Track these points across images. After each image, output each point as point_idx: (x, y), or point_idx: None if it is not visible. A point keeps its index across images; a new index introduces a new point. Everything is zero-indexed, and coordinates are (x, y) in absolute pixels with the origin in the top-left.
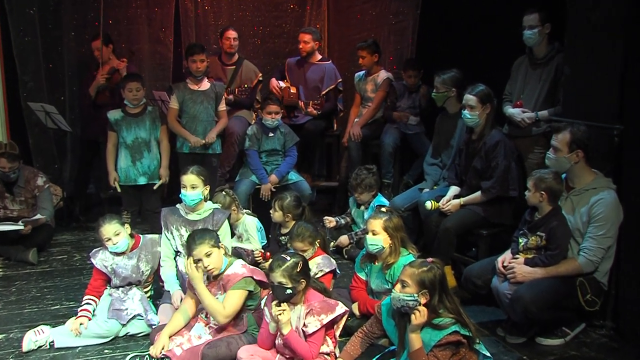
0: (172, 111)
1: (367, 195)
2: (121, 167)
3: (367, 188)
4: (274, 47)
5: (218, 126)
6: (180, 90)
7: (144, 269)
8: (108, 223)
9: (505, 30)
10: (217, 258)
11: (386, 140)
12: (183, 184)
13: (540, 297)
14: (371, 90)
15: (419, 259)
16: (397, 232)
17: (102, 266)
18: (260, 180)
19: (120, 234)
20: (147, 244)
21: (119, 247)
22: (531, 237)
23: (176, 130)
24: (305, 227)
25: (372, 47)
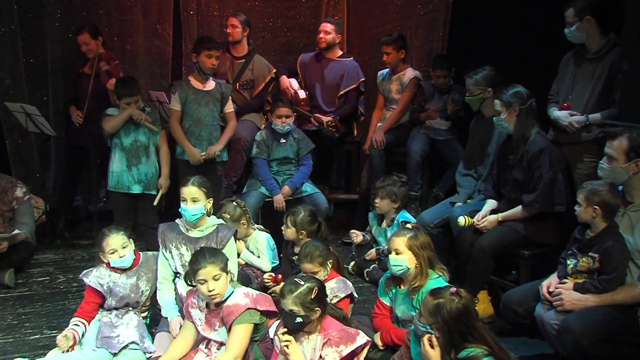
0: (174, 113)
1: (387, 204)
2: (114, 170)
3: (389, 196)
4: (286, 42)
5: (225, 135)
6: (183, 90)
7: (144, 289)
8: (115, 234)
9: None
10: (224, 284)
11: (413, 147)
12: (183, 197)
13: (594, 329)
14: (396, 91)
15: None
16: (423, 250)
17: (97, 284)
18: (271, 192)
19: (127, 247)
20: (148, 261)
21: (124, 262)
22: (582, 258)
23: (177, 136)
24: (315, 245)
25: (398, 42)
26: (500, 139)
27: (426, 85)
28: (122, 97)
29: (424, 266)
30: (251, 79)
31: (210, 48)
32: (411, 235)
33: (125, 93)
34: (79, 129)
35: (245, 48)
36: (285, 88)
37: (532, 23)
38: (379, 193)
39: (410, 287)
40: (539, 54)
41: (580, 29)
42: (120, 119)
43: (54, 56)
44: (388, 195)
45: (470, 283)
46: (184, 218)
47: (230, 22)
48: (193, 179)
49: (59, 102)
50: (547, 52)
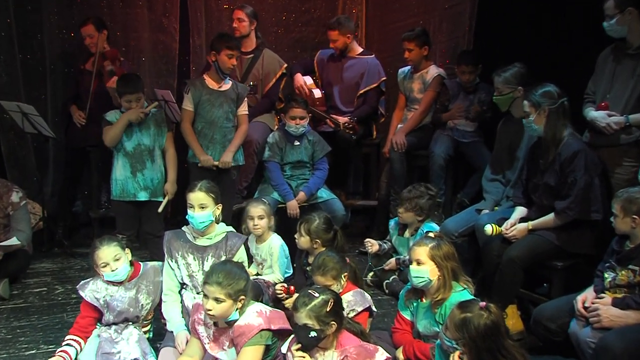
0: (186, 114)
1: (411, 216)
2: (117, 178)
3: (415, 208)
4: (300, 37)
5: (235, 141)
6: (197, 89)
7: (144, 302)
8: (107, 245)
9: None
10: (225, 310)
11: (436, 150)
12: (190, 203)
13: (635, 348)
14: (418, 90)
15: (472, 300)
16: (446, 261)
17: (93, 298)
18: (284, 198)
19: (121, 259)
20: (149, 272)
21: (117, 275)
22: (621, 271)
23: (188, 139)
24: (329, 256)
25: (421, 37)
26: (530, 141)
27: (450, 84)
28: (123, 95)
29: (447, 278)
30: (255, 84)
31: (233, 48)
32: (434, 245)
33: (126, 90)
34: (80, 130)
35: (253, 42)
36: (298, 87)
37: (566, 16)
38: (404, 204)
39: (432, 301)
40: (574, 50)
41: (620, 22)
42: (119, 128)
43: (53, 52)
44: (413, 209)
45: (498, 296)
46: (191, 225)
47: (237, 16)
48: (200, 184)
49: (57, 101)
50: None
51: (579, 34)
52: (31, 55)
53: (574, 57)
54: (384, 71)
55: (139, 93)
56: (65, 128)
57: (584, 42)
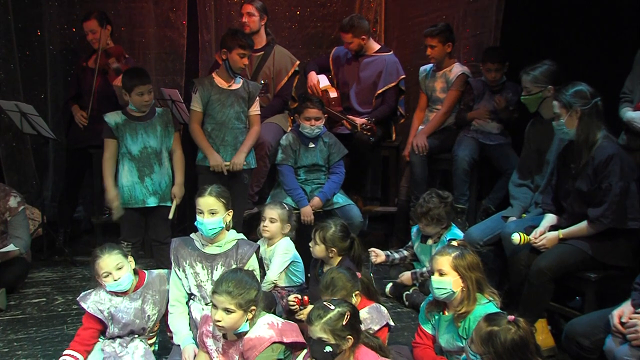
0: (195, 115)
1: (435, 228)
2: (124, 185)
3: (435, 221)
4: (315, 33)
5: (246, 142)
6: (206, 88)
7: (151, 313)
8: (108, 254)
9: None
10: (235, 321)
11: (460, 153)
12: (199, 209)
13: None
14: (441, 89)
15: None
16: (470, 272)
17: (97, 310)
18: (298, 203)
19: (123, 268)
20: (154, 281)
21: (120, 285)
22: None
23: (198, 140)
24: (338, 275)
25: (444, 33)
26: (560, 144)
27: (475, 82)
28: (133, 88)
29: (471, 290)
30: (266, 82)
31: (245, 47)
32: (457, 254)
33: (136, 82)
34: (82, 131)
35: (263, 39)
36: (310, 86)
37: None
38: (421, 220)
39: (455, 314)
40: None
41: None
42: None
43: (53, 48)
44: (433, 221)
45: (526, 310)
46: (200, 232)
47: (246, 10)
48: (210, 188)
49: (58, 100)
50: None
51: (614, 28)
52: (30, 51)
53: (609, 53)
54: (403, 69)
55: (150, 84)
56: (67, 129)
57: (619, 37)
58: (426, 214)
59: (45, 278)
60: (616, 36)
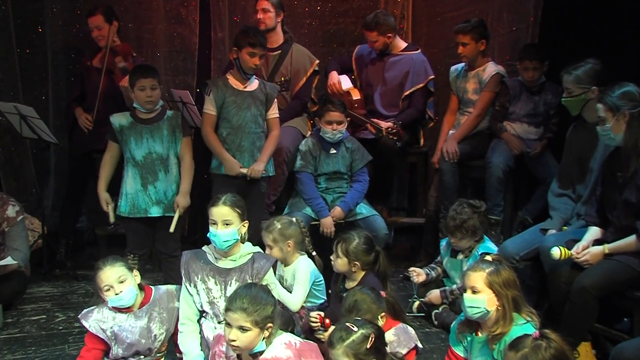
0: (208, 118)
1: (469, 241)
2: (127, 192)
3: (469, 233)
4: (337, 31)
5: (267, 148)
6: (220, 90)
7: (158, 332)
8: (110, 266)
9: None
10: (251, 340)
11: (494, 160)
12: (212, 219)
13: None
14: (473, 91)
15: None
16: (507, 289)
17: (99, 329)
18: (318, 214)
19: (127, 282)
20: (162, 298)
21: (123, 300)
22: None
23: (212, 145)
24: (362, 296)
25: (478, 29)
26: (605, 150)
27: (512, 82)
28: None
29: (507, 309)
30: (286, 79)
31: (255, 45)
32: (492, 270)
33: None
34: (85, 135)
35: (280, 37)
36: (330, 85)
37: None
38: (455, 234)
39: (490, 335)
40: None
41: None
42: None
43: (55, 45)
44: (467, 234)
45: (568, 332)
46: (213, 245)
47: (261, 6)
48: (225, 197)
49: (60, 102)
50: None
51: None
52: (31, 49)
53: None
54: (432, 69)
55: (154, 79)
56: (69, 133)
57: None
58: (460, 226)
59: (45, 293)
60: None
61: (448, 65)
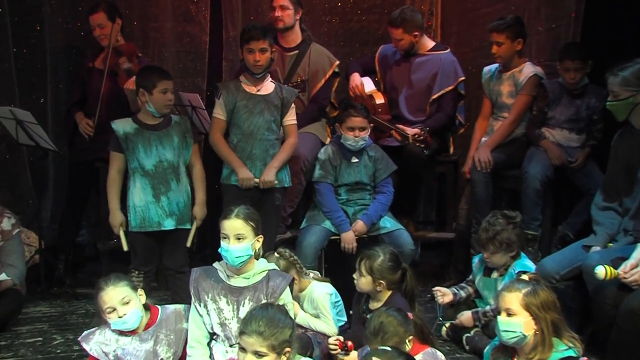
0: (217, 123)
1: (503, 256)
2: (136, 205)
3: (504, 246)
4: (359, 29)
5: (280, 155)
6: (231, 94)
7: (165, 356)
8: (113, 285)
9: None
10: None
11: (531, 170)
12: (224, 234)
13: None
14: (508, 94)
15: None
16: (545, 312)
17: (101, 353)
18: (338, 228)
19: (131, 303)
20: (169, 318)
21: (127, 323)
22: None
23: (222, 153)
24: (388, 318)
25: (514, 27)
26: None
27: (551, 85)
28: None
29: (546, 333)
30: (303, 79)
31: (249, 40)
32: (529, 291)
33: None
34: (87, 141)
35: (298, 35)
36: (353, 87)
37: None
38: (489, 247)
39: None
40: None
41: None
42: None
43: (55, 45)
44: (501, 248)
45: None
46: (224, 261)
47: (279, 3)
48: (237, 210)
49: (60, 106)
50: None
51: None
52: (28, 49)
53: None
54: (462, 70)
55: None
56: (69, 139)
57: None
58: (493, 238)
59: (42, 314)
60: None
61: (480, 66)
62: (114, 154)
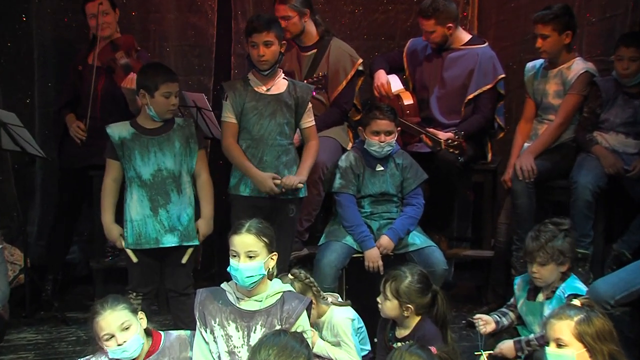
0: (228, 128)
1: (552, 270)
2: (133, 219)
3: (555, 256)
4: (385, 20)
5: (306, 160)
6: (238, 94)
7: None
8: (111, 310)
9: None
10: None
11: (581, 179)
12: (234, 250)
13: None
14: (555, 94)
15: None
16: (602, 343)
17: None
18: (361, 244)
19: (131, 329)
20: (173, 346)
21: (127, 351)
22: None
23: (237, 162)
24: (412, 356)
25: (562, 18)
26: None
27: (604, 83)
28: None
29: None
30: (324, 74)
31: (252, 32)
32: (582, 318)
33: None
34: (79, 146)
35: (314, 34)
36: (378, 85)
37: None
38: (536, 258)
39: None
40: None
41: None
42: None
43: (43, 38)
44: (552, 258)
45: None
46: (233, 281)
47: (280, 14)
48: (249, 223)
49: (48, 107)
50: None
51: None
52: (13, 42)
53: None
54: (502, 66)
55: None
56: (59, 144)
57: None
58: (543, 247)
59: (28, 341)
60: None
61: (523, 62)
62: (109, 162)
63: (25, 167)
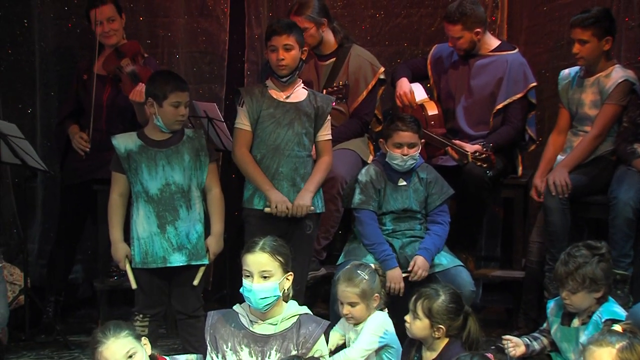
0: (242, 135)
1: (586, 297)
2: (140, 237)
3: (587, 283)
4: (408, 25)
5: (314, 177)
6: (255, 100)
7: None
8: (114, 338)
9: None
10: None
11: (622, 195)
12: (247, 270)
13: None
14: (592, 103)
15: None
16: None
17: None
18: (383, 264)
19: (136, 356)
20: None
21: None
22: None
23: (249, 172)
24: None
25: (602, 23)
26: None
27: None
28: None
29: None
30: (345, 84)
31: (271, 35)
32: (624, 346)
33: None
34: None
35: (332, 42)
36: (401, 94)
37: None
38: (566, 285)
39: None
40: None
41: None
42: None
43: (45, 45)
44: (584, 284)
45: None
46: (247, 303)
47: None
48: (263, 241)
49: (51, 118)
50: None
51: None
52: (14, 49)
53: None
54: (534, 74)
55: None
56: (62, 157)
57: None
58: (573, 273)
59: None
60: None
61: (556, 70)
62: (115, 175)
63: (25, 181)
